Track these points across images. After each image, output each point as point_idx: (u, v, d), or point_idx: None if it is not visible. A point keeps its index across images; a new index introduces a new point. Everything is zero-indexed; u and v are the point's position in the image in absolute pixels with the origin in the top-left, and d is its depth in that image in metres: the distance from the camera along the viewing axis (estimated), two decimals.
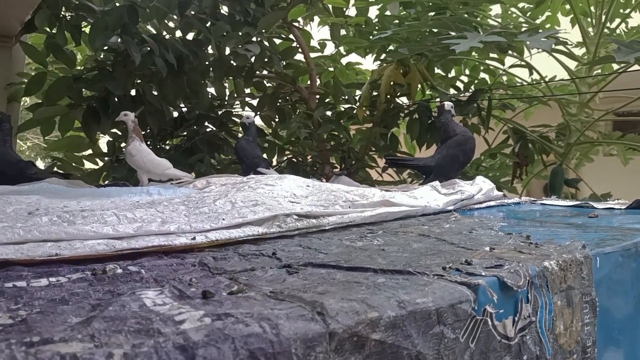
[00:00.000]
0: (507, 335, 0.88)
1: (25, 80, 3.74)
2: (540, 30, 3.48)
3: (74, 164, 4.16)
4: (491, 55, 4.46)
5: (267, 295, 0.73)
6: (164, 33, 4.31)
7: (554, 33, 3.30)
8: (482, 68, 4.89)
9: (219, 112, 4.69)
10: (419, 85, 4.31)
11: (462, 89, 4.58)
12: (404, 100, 4.66)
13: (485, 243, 1.14)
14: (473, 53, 4.53)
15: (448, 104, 2.95)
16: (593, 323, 1.05)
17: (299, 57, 4.76)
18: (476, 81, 4.84)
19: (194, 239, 1.17)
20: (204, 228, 1.31)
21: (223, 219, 1.37)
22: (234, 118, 4.76)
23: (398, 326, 0.71)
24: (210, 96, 4.50)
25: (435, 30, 3.77)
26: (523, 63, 4.34)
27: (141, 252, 1.09)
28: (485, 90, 4.31)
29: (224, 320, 0.62)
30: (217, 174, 2.96)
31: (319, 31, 6.10)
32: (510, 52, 4.18)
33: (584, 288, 1.03)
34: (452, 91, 4.55)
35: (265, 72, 4.76)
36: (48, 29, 3.48)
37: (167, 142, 4.65)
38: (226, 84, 4.81)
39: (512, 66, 4.49)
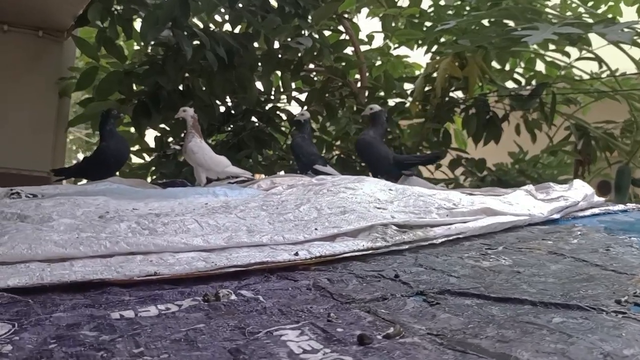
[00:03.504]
0: None
1: (75, 75, 3.70)
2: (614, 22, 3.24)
3: None
4: (550, 47, 4.22)
5: (438, 344, 0.60)
6: (211, 26, 4.22)
7: (633, 24, 3.07)
8: (537, 61, 4.65)
9: (266, 107, 4.58)
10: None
11: (523, 82, 4.34)
12: (458, 94, 4.47)
13: (636, 265, 0.98)
14: (533, 46, 4.30)
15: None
16: None
17: (348, 50, 4.61)
18: (531, 73, 4.61)
19: (296, 254, 1.05)
20: (297, 239, 1.19)
21: (316, 229, 1.25)
22: (280, 113, 4.65)
23: None
24: (257, 91, 4.40)
25: (493, 20, 3.57)
26: (590, 55, 4.08)
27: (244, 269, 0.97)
28: (549, 84, 4.08)
29: None
30: (280, 175, 2.84)
31: (367, 23, 5.92)
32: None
33: None
34: (511, 85, 4.33)
35: (312, 66, 4.63)
36: (100, 23, 3.42)
37: (213, 137, 4.57)
38: (271, 79, 4.70)
39: (578, 59, 4.23)
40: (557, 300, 0.77)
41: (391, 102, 4.50)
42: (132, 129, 4.03)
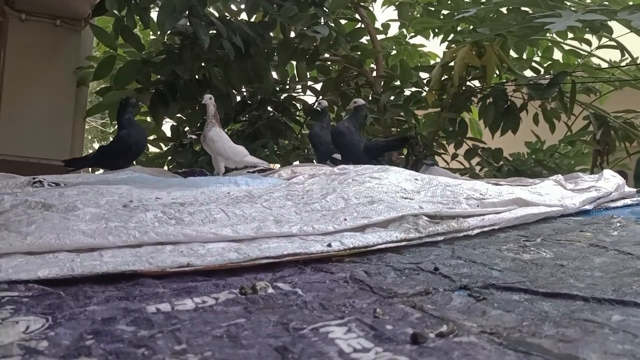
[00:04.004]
0: None
1: (92, 64, 3.68)
2: None
3: None
4: (569, 35, 4.13)
5: (497, 343, 0.57)
6: (226, 15, 4.18)
7: None
8: (554, 49, 4.55)
9: (281, 97, 4.54)
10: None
11: (542, 71, 4.26)
12: (475, 83, 4.39)
13: None
14: (551, 34, 4.21)
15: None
16: None
17: (363, 39, 4.54)
18: (549, 62, 4.51)
19: (329, 245, 1.02)
20: (327, 230, 1.16)
21: (345, 219, 1.22)
22: (295, 103, 4.61)
23: None
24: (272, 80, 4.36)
25: (511, 8, 3.49)
26: (611, 43, 3.99)
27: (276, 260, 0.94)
28: (569, 73, 3.99)
29: None
30: (300, 164, 2.80)
31: (382, 12, 5.85)
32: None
33: None
34: (529, 74, 4.25)
35: (327, 55, 4.57)
36: (117, 12, 3.39)
37: (229, 127, 4.55)
38: (286, 68, 4.66)
39: (599, 47, 4.14)
40: (610, 295, 0.73)
41: (407, 92, 4.45)
42: (149, 118, 4.02)
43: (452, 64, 4.03)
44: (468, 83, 4.34)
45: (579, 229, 1.23)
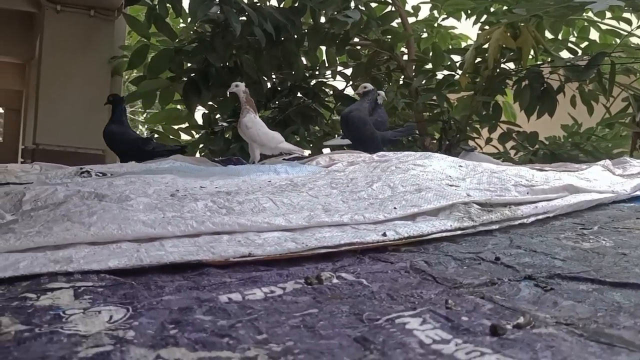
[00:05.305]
0: None
1: (126, 53, 3.73)
2: None
3: (171, 137, 4.17)
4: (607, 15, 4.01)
5: (577, 335, 0.57)
6: (256, 0, 4.17)
7: None
8: (590, 29, 4.42)
9: (311, 83, 4.53)
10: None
11: (579, 52, 4.15)
12: (509, 66, 4.31)
13: None
14: (589, 13, 4.09)
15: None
16: None
17: (394, 22, 4.48)
18: (586, 43, 4.39)
19: (384, 234, 1.02)
20: (378, 218, 1.17)
21: (395, 208, 1.22)
22: (325, 89, 4.59)
23: None
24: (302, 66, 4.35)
25: None
26: None
27: (333, 250, 0.95)
28: (608, 54, 3.88)
29: None
30: (337, 151, 2.79)
31: None
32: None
33: None
34: (565, 55, 4.14)
35: (357, 40, 4.53)
36: (149, 1, 3.42)
37: (260, 114, 4.56)
38: (316, 54, 4.64)
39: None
40: None
41: (439, 75, 4.39)
42: (179, 106, 4.06)
43: (486, 46, 3.95)
44: (502, 65, 4.26)
45: (635, 216, 1.21)
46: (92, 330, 0.61)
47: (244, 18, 3.51)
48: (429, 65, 4.29)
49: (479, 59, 4.12)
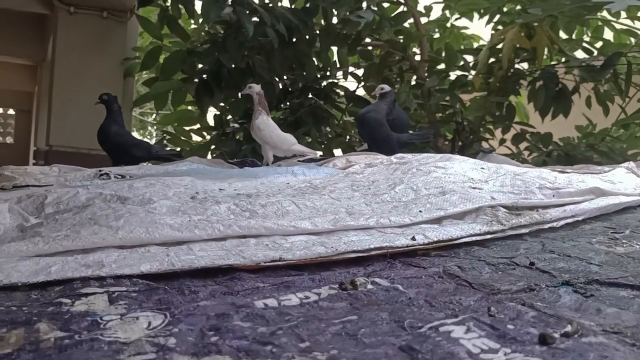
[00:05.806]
0: None
1: (138, 55, 3.73)
2: None
3: (182, 138, 4.17)
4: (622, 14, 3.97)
5: (629, 344, 0.55)
6: (267, 1, 4.17)
7: None
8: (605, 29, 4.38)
9: (323, 84, 4.52)
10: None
11: (594, 52, 4.11)
12: (523, 66, 4.28)
13: None
14: (603, 12, 4.05)
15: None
16: None
17: (406, 23, 4.47)
18: (600, 43, 4.35)
19: (413, 238, 1.01)
20: (404, 222, 1.15)
21: (420, 211, 1.21)
22: (336, 89, 4.58)
23: None
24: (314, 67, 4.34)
25: None
26: None
27: (363, 255, 0.94)
28: (624, 54, 3.84)
29: None
30: (354, 152, 2.77)
31: None
32: None
33: None
34: (581, 55, 4.10)
35: (369, 40, 4.52)
36: (162, 2, 3.43)
37: (272, 115, 4.55)
38: (328, 54, 4.63)
39: None
40: None
41: (452, 76, 4.36)
42: (190, 107, 4.07)
43: (499, 46, 3.93)
44: (516, 65, 4.23)
45: None
46: (132, 337, 0.60)
47: (256, 19, 3.51)
48: (442, 66, 4.27)
49: (492, 59, 4.10)
